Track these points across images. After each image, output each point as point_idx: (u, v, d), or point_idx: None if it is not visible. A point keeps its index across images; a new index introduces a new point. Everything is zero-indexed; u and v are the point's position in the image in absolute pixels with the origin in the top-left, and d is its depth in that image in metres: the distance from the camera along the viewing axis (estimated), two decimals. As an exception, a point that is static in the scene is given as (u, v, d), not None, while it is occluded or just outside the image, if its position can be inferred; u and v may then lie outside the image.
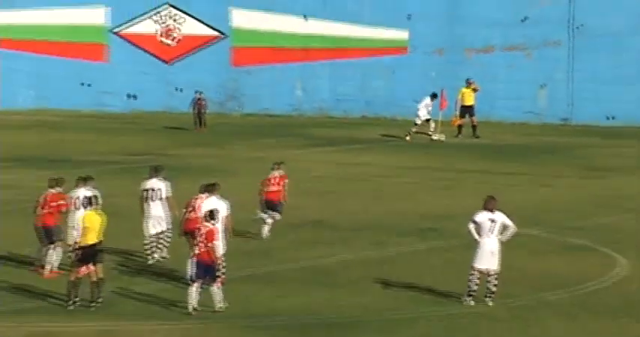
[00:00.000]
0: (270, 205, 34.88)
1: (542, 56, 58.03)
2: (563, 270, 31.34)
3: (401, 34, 59.14)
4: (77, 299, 26.17)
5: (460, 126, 53.96)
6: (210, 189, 29.15)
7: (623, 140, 54.90)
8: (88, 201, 28.00)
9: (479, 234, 27.17)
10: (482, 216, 27.34)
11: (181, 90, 59.02)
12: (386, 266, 30.85)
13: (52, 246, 29.35)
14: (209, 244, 25.94)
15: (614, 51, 58.24)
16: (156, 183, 31.04)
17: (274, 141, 53.51)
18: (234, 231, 28.94)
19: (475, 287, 26.85)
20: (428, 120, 52.57)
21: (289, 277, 29.74)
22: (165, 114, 59.37)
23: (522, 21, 57.92)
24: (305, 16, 59.54)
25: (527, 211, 36.82)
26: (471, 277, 26.79)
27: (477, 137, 53.27)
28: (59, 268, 29.17)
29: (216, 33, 61.36)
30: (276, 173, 34.90)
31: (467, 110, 54.09)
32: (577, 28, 57.54)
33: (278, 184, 34.90)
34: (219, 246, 26.98)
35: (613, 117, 57.11)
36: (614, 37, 57.90)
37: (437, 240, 34.24)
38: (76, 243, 27.94)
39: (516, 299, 27.88)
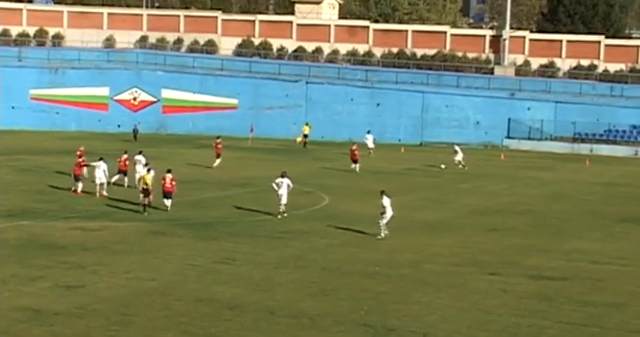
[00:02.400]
0: (354, 160, 59.39)
1: (295, 112, 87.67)
2: (303, 202, 45.98)
3: (233, 101, 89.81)
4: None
5: (303, 143, 78.08)
6: (147, 166, 45.92)
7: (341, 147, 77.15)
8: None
9: (278, 187, 41.74)
10: (280, 179, 41.77)
11: (139, 123, 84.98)
12: (228, 199, 46.63)
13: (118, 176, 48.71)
14: (173, 182, 42.69)
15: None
16: (141, 157, 49.69)
17: (178, 145, 77.07)
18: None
19: (281, 209, 41.51)
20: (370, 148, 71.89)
21: (194, 202, 45.62)
22: (128, 134, 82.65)
23: (286, 96, 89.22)
24: (194, 92, 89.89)
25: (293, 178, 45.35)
26: (280, 206, 41.49)
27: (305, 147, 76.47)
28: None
29: (155, 99, 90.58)
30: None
31: (305, 135, 79.51)
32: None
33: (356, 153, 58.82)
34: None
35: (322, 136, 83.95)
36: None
37: (250, 188, 50.36)
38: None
39: (288, 213, 41.78)
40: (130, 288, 28.52)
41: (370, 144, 72.28)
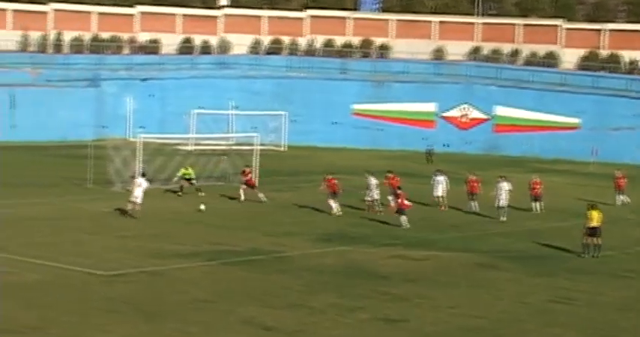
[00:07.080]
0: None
1: None
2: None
3: (574, 120, 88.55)
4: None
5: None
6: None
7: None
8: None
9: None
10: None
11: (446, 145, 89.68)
12: (565, 230, 47.97)
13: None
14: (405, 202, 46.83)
15: None
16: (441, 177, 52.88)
17: (510, 168, 74.90)
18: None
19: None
20: None
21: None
22: (454, 154, 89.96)
23: (636, 116, 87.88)
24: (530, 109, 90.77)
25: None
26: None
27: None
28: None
29: (487, 116, 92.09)
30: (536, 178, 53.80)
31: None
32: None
33: (537, 186, 53.24)
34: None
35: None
36: None
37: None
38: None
39: (632, 249, 41.86)
40: (455, 324, 28.55)
41: None
